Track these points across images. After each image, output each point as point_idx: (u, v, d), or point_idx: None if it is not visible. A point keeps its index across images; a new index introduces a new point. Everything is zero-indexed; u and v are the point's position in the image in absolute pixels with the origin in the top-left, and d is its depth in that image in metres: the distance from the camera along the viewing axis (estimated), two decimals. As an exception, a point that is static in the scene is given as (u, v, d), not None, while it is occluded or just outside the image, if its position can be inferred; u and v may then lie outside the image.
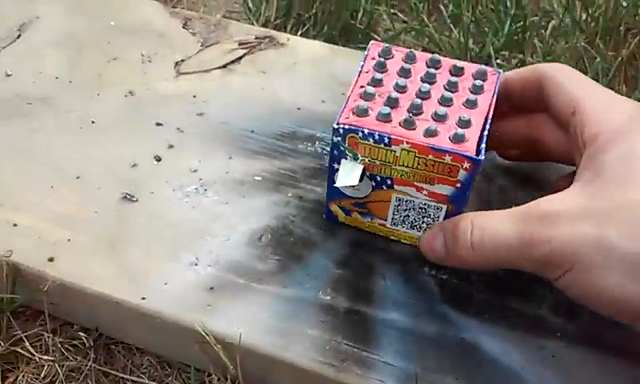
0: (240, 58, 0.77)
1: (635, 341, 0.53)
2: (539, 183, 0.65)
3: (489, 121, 0.53)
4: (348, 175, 0.53)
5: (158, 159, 0.65)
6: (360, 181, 0.53)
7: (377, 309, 0.54)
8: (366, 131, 0.51)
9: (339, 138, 0.52)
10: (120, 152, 0.65)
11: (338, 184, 0.53)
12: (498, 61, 0.88)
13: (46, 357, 0.55)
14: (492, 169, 0.65)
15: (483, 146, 0.51)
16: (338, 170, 0.54)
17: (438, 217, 0.55)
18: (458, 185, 0.52)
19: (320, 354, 0.51)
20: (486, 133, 0.52)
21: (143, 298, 0.53)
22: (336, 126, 0.52)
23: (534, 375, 0.51)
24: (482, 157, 0.50)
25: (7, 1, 0.83)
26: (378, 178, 0.54)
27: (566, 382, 0.51)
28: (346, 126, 0.52)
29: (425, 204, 0.54)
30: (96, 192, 0.61)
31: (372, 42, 0.58)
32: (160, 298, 0.53)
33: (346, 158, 0.53)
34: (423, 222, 0.56)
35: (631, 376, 0.51)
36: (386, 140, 0.51)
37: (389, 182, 0.54)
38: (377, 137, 0.51)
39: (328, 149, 0.67)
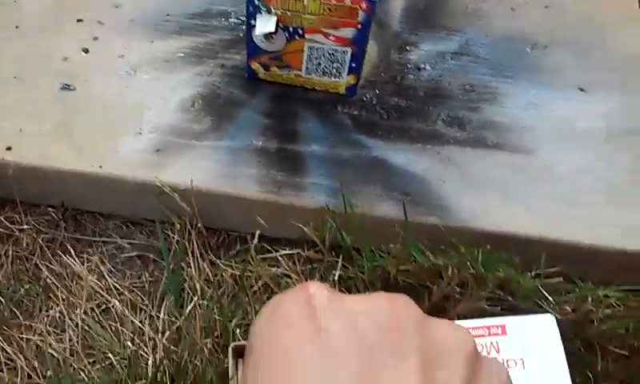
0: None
1: (508, 138, 0.67)
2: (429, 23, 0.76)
3: None
4: (265, 25, 0.61)
5: (86, 51, 0.70)
6: (275, 32, 0.61)
7: (301, 145, 0.64)
8: None
9: None
10: (49, 49, 0.70)
11: (256, 32, 0.61)
12: None
13: (23, 227, 0.63)
14: (386, 17, 0.75)
15: None
16: (254, 25, 0.62)
17: (345, 60, 0.65)
18: (359, 26, 0.61)
19: (260, 186, 0.61)
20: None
21: (100, 166, 0.61)
22: None
23: (434, 175, 0.63)
24: None
25: None
26: (291, 29, 0.62)
27: (460, 176, 0.63)
28: None
29: (333, 49, 0.64)
30: (35, 87, 0.67)
31: None
32: (115, 163, 0.61)
33: (261, 13, 0.61)
34: (333, 68, 0.66)
35: (509, 165, 0.65)
36: None
37: (300, 31, 0.62)
38: None
39: (241, 21, 0.75)
